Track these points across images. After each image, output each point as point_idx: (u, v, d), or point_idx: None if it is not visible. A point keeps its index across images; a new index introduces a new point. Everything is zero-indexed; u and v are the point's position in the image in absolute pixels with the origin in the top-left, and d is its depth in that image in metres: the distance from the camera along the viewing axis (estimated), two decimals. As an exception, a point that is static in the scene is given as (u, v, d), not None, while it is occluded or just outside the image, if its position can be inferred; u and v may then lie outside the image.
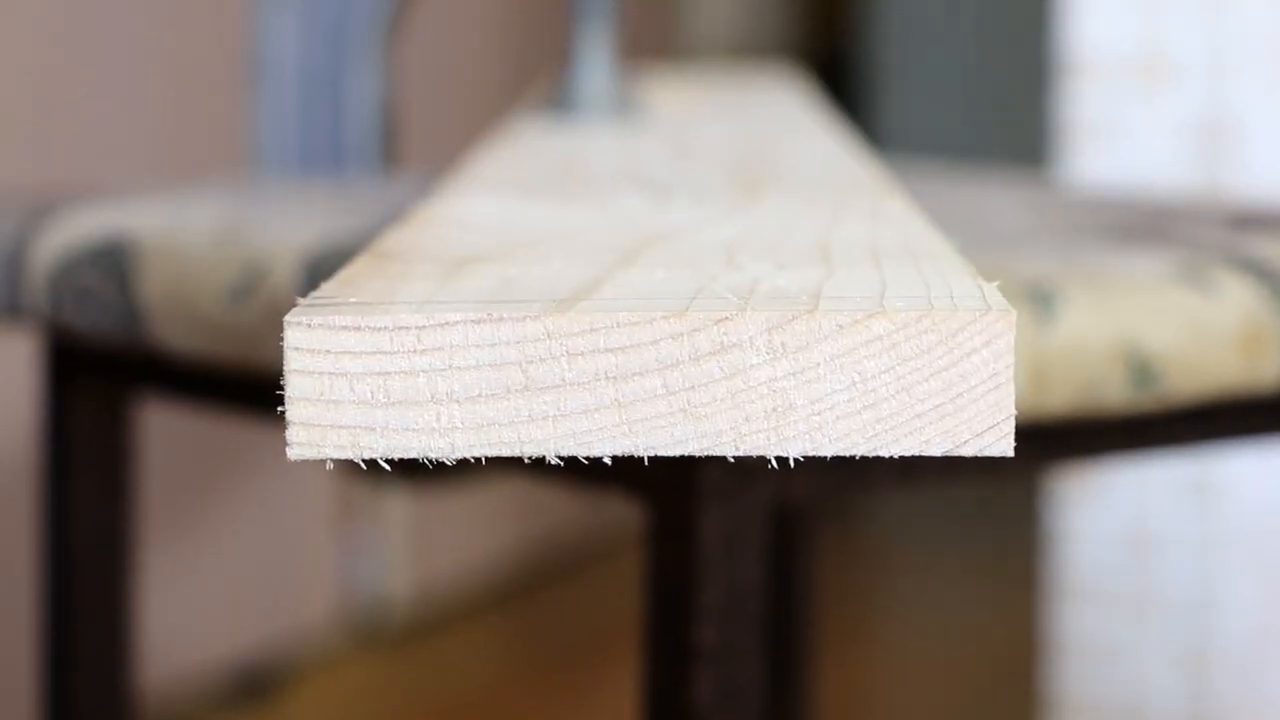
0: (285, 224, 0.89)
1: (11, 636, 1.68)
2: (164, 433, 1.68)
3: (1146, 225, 0.85)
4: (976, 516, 2.53)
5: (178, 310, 0.86)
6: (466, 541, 2.28)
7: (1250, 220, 0.99)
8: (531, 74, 2.26)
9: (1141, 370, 0.80)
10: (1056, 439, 0.82)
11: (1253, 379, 0.83)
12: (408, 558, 2.20)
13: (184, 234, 0.89)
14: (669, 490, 0.73)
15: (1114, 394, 0.80)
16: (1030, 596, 1.78)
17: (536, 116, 1.09)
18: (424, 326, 0.44)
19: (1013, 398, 0.42)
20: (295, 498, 2.05)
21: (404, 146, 1.51)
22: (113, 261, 0.89)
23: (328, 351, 0.44)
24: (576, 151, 0.94)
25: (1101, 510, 1.52)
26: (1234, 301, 0.83)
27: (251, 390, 0.90)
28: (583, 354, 0.43)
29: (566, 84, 1.08)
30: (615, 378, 0.43)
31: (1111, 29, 1.50)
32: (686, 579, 0.70)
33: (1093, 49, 1.50)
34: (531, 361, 0.44)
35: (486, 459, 0.44)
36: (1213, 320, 0.82)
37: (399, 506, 2.18)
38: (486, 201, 0.73)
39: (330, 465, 0.44)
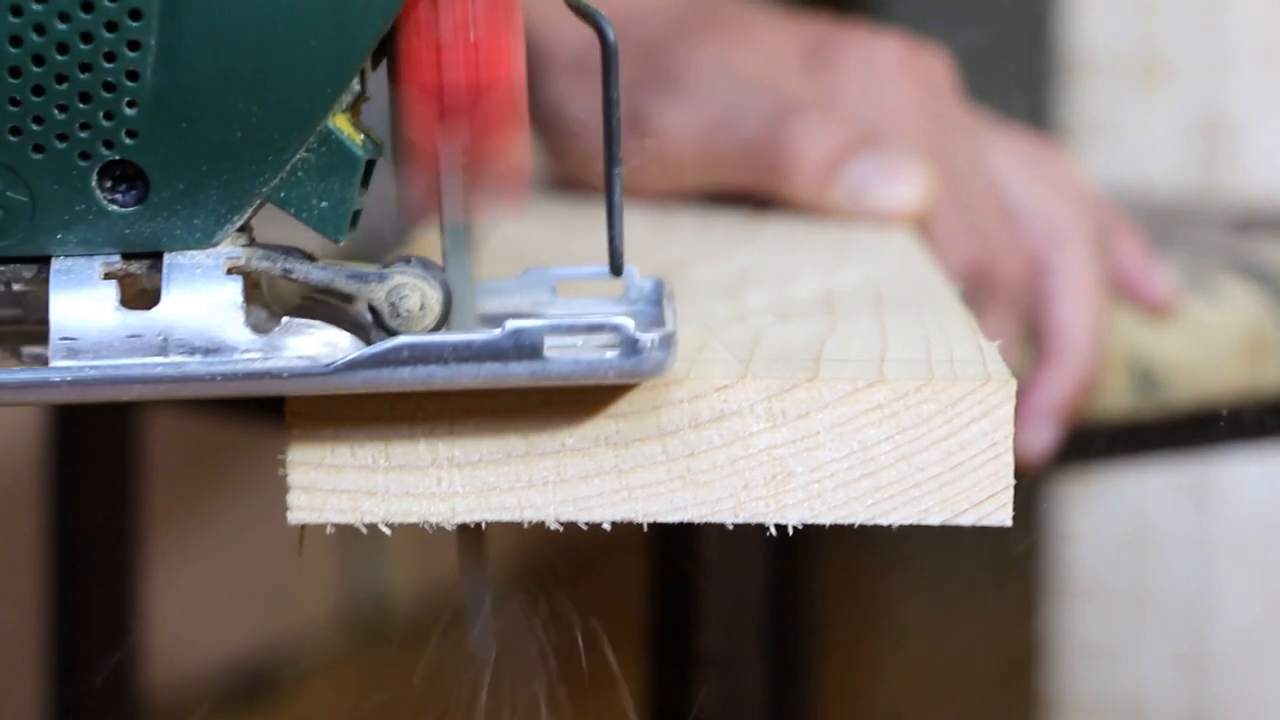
0: (284, 230, 0.89)
1: (15, 636, 1.68)
2: (166, 433, 1.68)
3: (1148, 229, 0.85)
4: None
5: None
6: (467, 541, 2.28)
7: (1252, 224, 0.99)
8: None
9: (1144, 377, 0.80)
10: (1057, 444, 0.81)
11: (1255, 385, 0.83)
12: (408, 558, 2.19)
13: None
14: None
15: (1116, 400, 0.80)
16: (1030, 596, 1.78)
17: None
18: (427, 392, 0.43)
19: (1011, 468, 0.42)
20: (296, 496, 2.04)
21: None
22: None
23: (329, 416, 0.44)
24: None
25: (1101, 510, 1.52)
26: (1237, 307, 0.83)
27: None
28: (583, 420, 0.43)
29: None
30: (615, 444, 0.43)
31: (1111, 29, 1.50)
32: (689, 586, 0.70)
33: (1093, 49, 1.50)
34: (533, 426, 0.44)
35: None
36: (1216, 326, 0.82)
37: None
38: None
39: (331, 529, 0.44)
